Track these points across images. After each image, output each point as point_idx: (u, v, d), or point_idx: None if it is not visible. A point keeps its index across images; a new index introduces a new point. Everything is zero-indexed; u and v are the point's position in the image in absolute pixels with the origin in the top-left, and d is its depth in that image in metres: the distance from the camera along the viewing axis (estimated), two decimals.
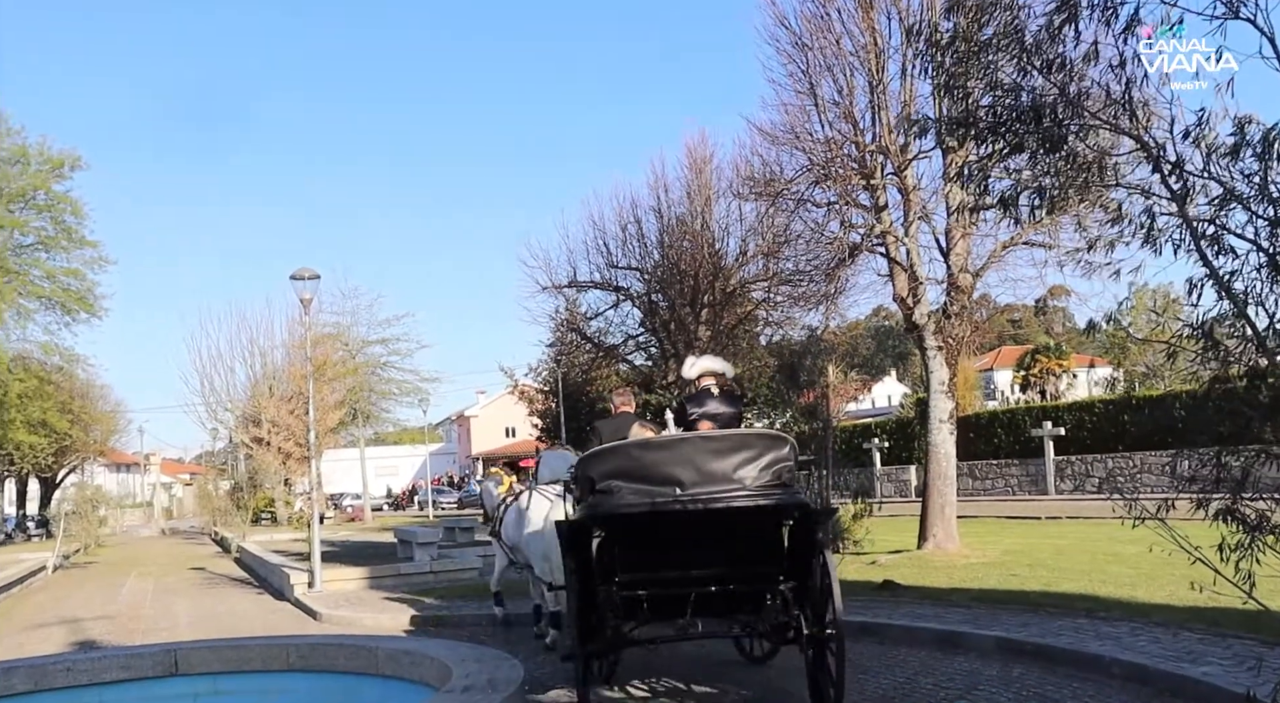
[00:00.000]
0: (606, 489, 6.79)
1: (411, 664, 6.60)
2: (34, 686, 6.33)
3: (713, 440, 6.98)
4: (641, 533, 6.89)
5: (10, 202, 37.00)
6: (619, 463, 6.87)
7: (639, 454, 6.92)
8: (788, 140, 16.17)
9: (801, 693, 7.43)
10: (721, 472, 6.74)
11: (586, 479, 6.98)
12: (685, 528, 6.85)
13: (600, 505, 6.81)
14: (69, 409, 49.46)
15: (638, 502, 6.67)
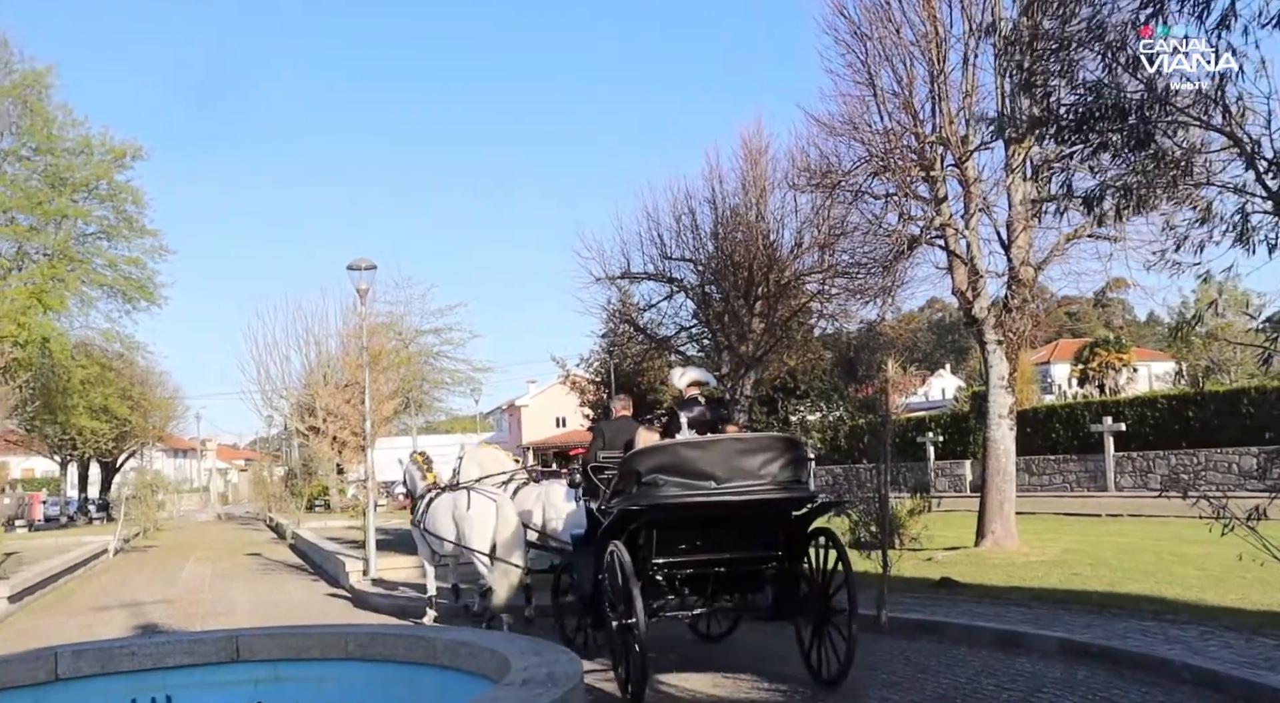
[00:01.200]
0: (651, 482, 7.70)
1: (469, 656, 6.57)
2: (101, 669, 6.41)
3: (742, 442, 8.24)
4: (680, 520, 7.85)
5: (74, 191, 37.71)
6: (664, 459, 7.82)
7: (681, 452, 7.92)
8: (846, 131, 15.98)
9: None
10: (749, 469, 7.83)
11: (633, 473, 7.83)
12: (717, 516, 7.90)
13: (645, 496, 7.70)
14: (129, 395, 50.38)
15: (680, 493, 7.66)
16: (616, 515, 7.97)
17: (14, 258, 36.45)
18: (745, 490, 7.78)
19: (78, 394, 42.34)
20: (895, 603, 10.40)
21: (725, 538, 8.04)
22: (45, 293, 34.87)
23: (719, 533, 8.01)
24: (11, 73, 36.35)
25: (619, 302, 25.54)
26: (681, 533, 7.94)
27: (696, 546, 7.99)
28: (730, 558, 8.08)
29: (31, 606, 16.63)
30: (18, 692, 6.07)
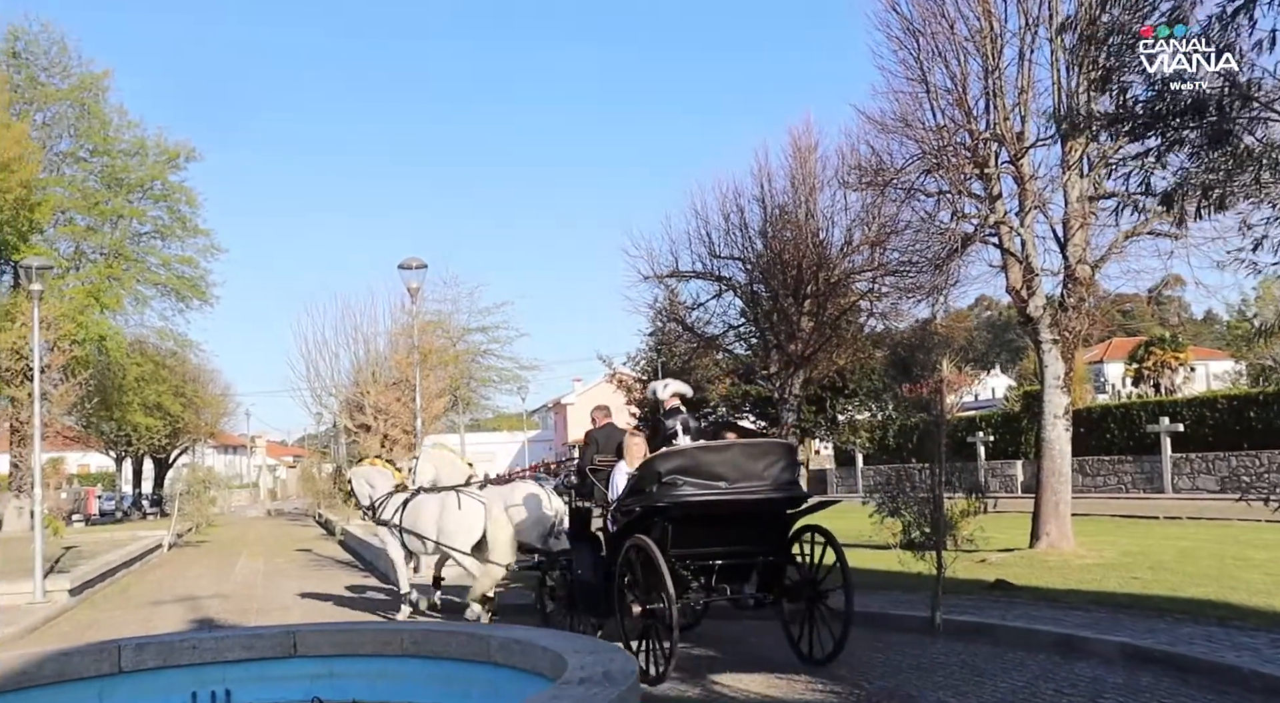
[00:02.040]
0: (671, 482, 8.58)
1: (523, 654, 6.56)
2: (163, 662, 6.50)
3: (750, 447, 9.23)
4: (695, 517, 8.62)
5: (130, 192, 38.37)
6: (682, 462, 8.74)
7: (697, 455, 8.88)
8: (898, 128, 15.81)
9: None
10: (755, 471, 8.82)
11: (654, 473, 8.68)
12: (725, 514, 8.79)
13: (665, 495, 8.55)
14: (182, 393, 51.15)
15: (696, 492, 8.57)
16: (640, 512, 8.76)
17: (72, 258, 37.17)
18: (752, 491, 8.76)
19: (132, 391, 43.07)
20: (949, 605, 10.31)
21: (730, 533, 8.92)
22: (102, 292, 35.52)
23: (725, 529, 8.88)
24: (69, 77, 37.10)
25: (667, 300, 25.51)
26: (694, 528, 8.66)
27: (705, 539, 8.79)
28: (733, 551, 9.01)
29: (92, 598, 16.92)
30: (84, 683, 6.18)
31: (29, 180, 30.43)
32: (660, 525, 8.58)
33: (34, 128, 34.74)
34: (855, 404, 33.91)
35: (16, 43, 36.11)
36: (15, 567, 19.38)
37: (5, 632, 12.84)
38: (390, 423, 29.12)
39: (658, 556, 8.27)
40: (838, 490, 49.14)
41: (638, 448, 9.50)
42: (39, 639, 12.77)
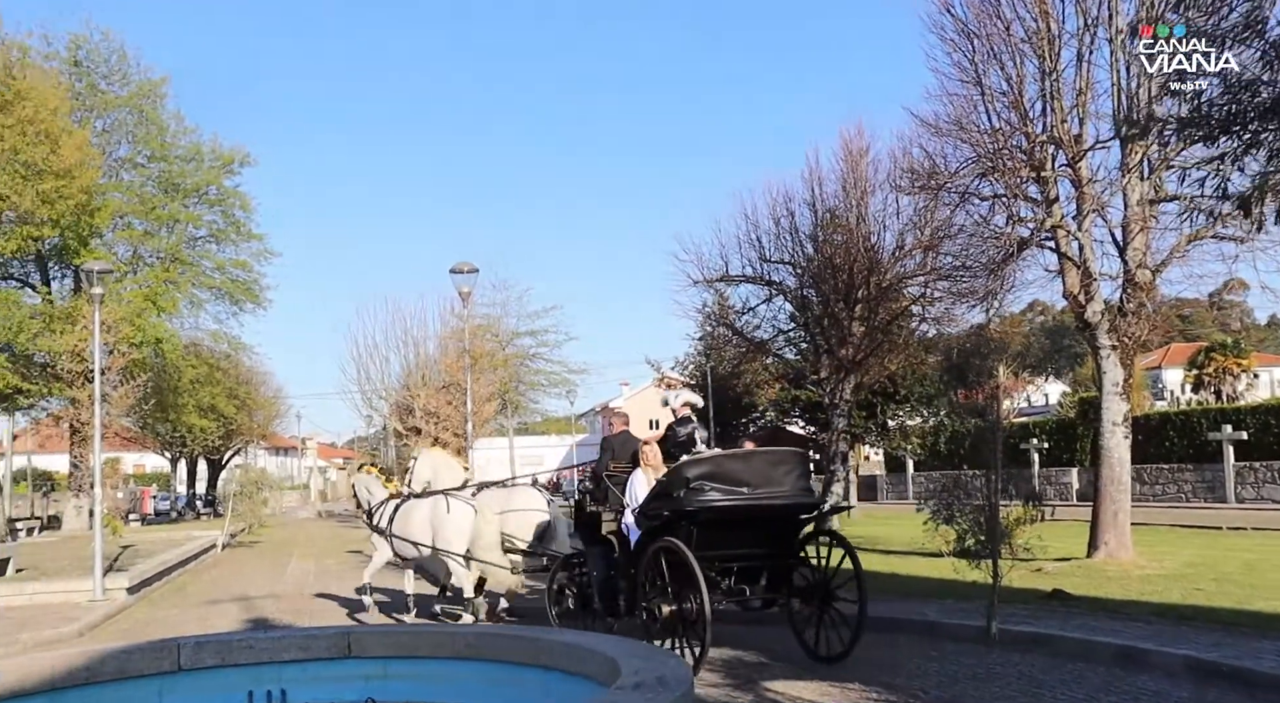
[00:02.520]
0: (699, 488, 9.01)
1: (577, 658, 6.52)
2: (220, 661, 6.55)
3: (770, 455, 9.91)
4: (719, 521, 9.08)
5: (185, 197, 38.90)
6: (709, 468, 9.24)
7: (722, 462, 9.51)
8: (952, 131, 15.62)
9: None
10: (774, 478, 9.35)
11: (683, 479, 9.10)
12: (746, 517, 9.26)
13: (693, 501, 8.98)
14: (235, 395, 51.73)
15: (723, 498, 9.02)
16: (670, 516, 9.14)
17: (130, 262, 37.75)
18: (773, 496, 9.29)
19: (187, 393, 43.66)
20: (1005, 614, 10.17)
21: (750, 536, 9.42)
22: (159, 295, 36.05)
23: (745, 532, 9.37)
24: (129, 83, 37.74)
25: (716, 305, 25.44)
26: (717, 532, 9.12)
27: (727, 542, 9.25)
28: (752, 553, 9.50)
29: (149, 596, 17.18)
30: (145, 680, 6.24)
31: (89, 186, 31.01)
32: (687, 528, 8.99)
33: (94, 134, 35.32)
34: (906, 410, 33.56)
35: (78, 51, 36.78)
36: (75, 565, 19.75)
37: (67, 629, 13.08)
38: (441, 426, 29.29)
39: (690, 557, 8.59)
40: (888, 497, 48.78)
41: (653, 455, 10.07)
42: (99, 636, 13.00)
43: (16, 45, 30.86)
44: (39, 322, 31.08)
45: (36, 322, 31.03)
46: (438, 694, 6.83)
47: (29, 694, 5.79)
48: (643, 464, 10.05)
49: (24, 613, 14.87)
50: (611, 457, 10.92)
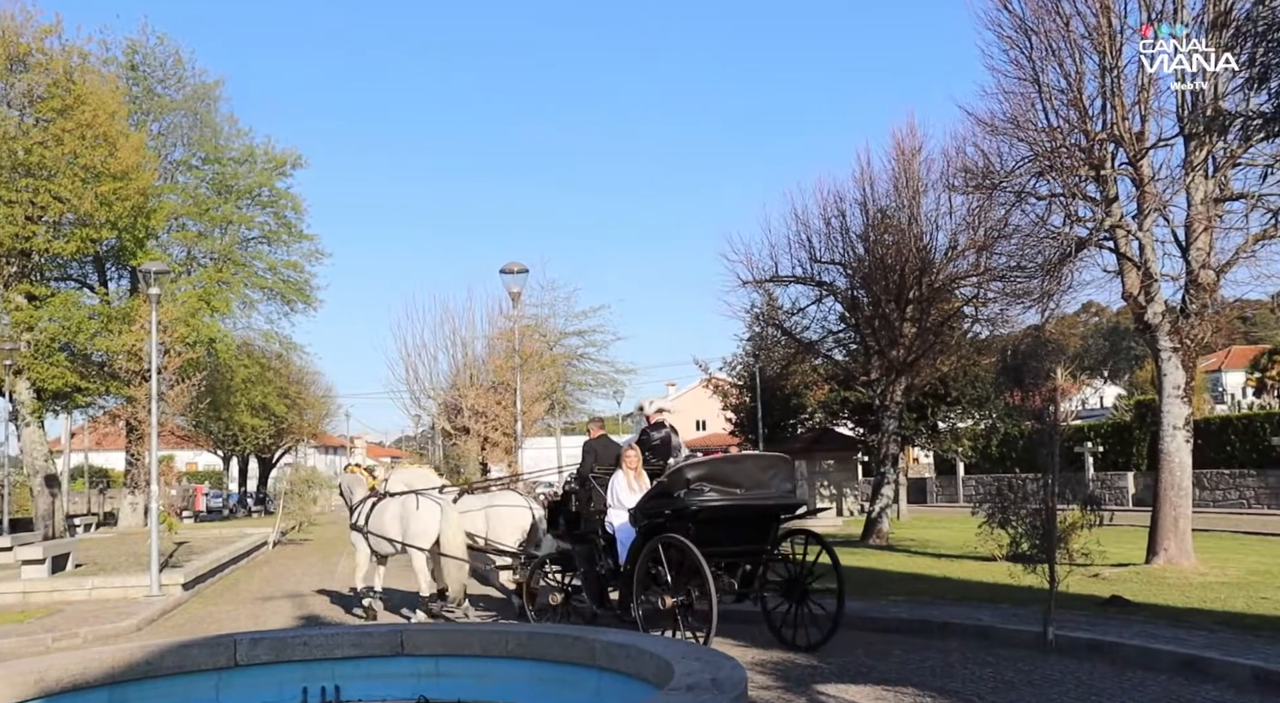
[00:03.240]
0: (698, 489, 9.77)
1: (628, 658, 6.49)
2: (275, 657, 6.60)
3: (761, 459, 10.93)
4: (714, 518, 9.81)
5: (239, 198, 39.40)
6: (707, 471, 10.03)
7: (719, 466, 10.29)
8: (1008, 130, 15.39)
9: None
10: (763, 481, 10.22)
11: (683, 481, 9.85)
12: (737, 516, 10.04)
13: (693, 500, 9.71)
14: (286, 394, 52.32)
15: (719, 498, 9.79)
16: (671, 514, 9.83)
17: (184, 262, 38.29)
18: (763, 497, 10.17)
19: (240, 392, 44.17)
20: (1062, 620, 10.00)
21: (739, 533, 10.15)
22: (212, 296, 36.50)
23: (735, 529, 10.10)
24: (184, 87, 38.32)
25: (765, 305, 25.27)
26: (711, 528, 9.80)
27: (719, 538, 9.89)
28: (739, 549, 10.24)
29: (203, 593, 17.40)
30: (202, 675, 6.30)
31: (146, 188, 31.49)
32: (686, 525, 9.72)
33: (150, 137, 35.91)
34: (958, 412, 33.14)
35: (135, 56, 37.39)
36: (131, 561, 20.06)
37: (125, 623, 13.27)
38: (490, 425, 29.37)
39: (696, 551, 9.34)
40: (938, 500, 48.29)
41: (634, 458, 10.86)
42: (156, 631, 13.17)
43: (76, 50, 31.44)
44: (97, 322, 31.61)
45: (95, 322, 31.56)
46: (488, 693, 6.82)
47: (90, 688, 5.87)
48: (624, 467, 10.77)
49: (84, 608, 15.13)
50: (595, 459, 11.54)
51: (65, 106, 28.57)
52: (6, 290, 29.56)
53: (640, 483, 10.71)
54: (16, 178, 27.99)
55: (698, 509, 9.69)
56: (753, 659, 9.43)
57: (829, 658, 9.75)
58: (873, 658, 9.68)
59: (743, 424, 40.23)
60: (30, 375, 29.74)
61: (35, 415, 31.25)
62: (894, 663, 9.39)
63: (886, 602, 12.99)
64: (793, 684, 8.56)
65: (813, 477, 35.38)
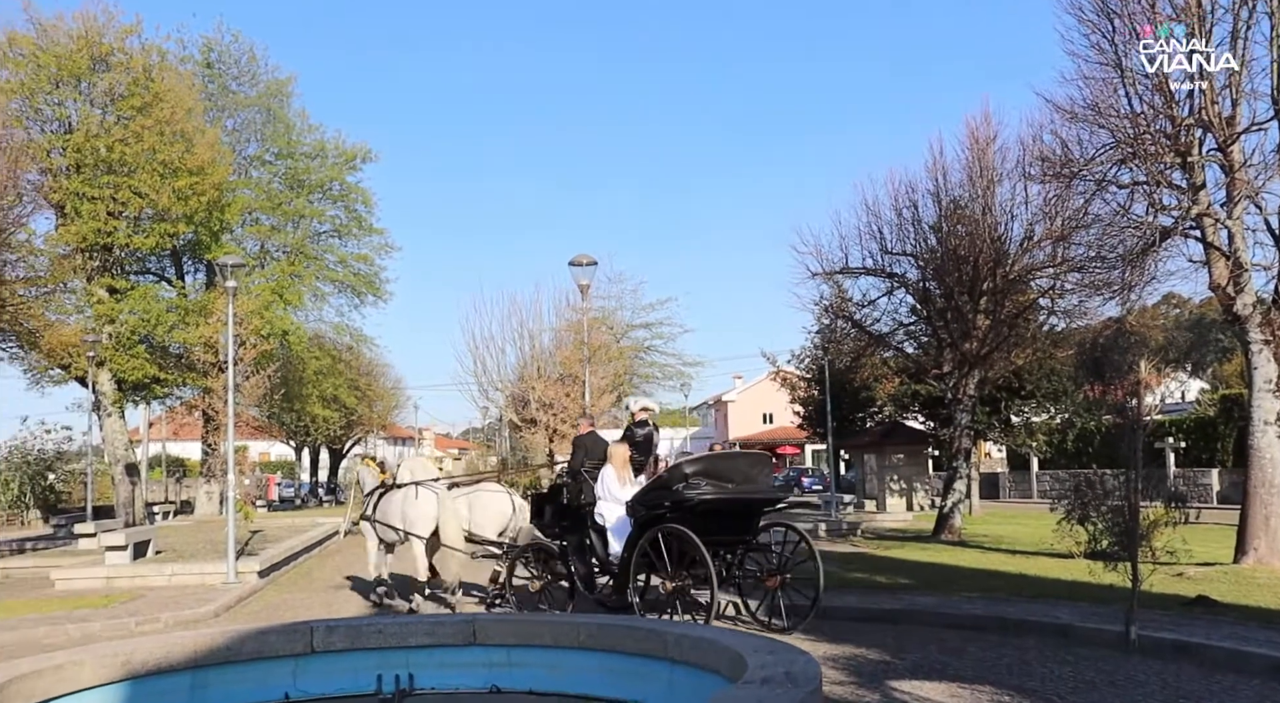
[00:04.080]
0: (695, 483, 10.51)
1: (701, 651, 6.41)
2: (350, 644, 6.64)
3: (751, 457, 11.96)
4: (709, 510, 10.55)
5: (310, 193, 40.02)
6: (703, 467, 10.85)
7: (714, 462, 11.42)
8: (1088, 116, 14.97)
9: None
10: (751, 476, 11.06)
11: (681, 475, 10.64)
12: (731, 509, 10.84)
13: (690, 494, 10.44)
14: (356, 386, 53.06)
15: (714, 492, 10.55)
16: (670, 505, 10.56)
17: (258, 256, 38.99)
18: (752, 491, 10.98)
19: (311, 384, 44.91)
20: (1145, 620, 9.73)
21: (728, 523, 10.89)
22: (285, 289, 37.13)
23: (725, 519, 10.83)
24: (258, 84, 39.02)
25: (835, 297, 25.00)
26: (704, 519, 10.47)
27: (710, 528, 10.48)
28: (727, 538, 10.98)
29: (278, 580, 17.67)
30: (280, 661, 6.37)
31: (221, 183, 32.14)
32: (685, 516, 10.47)
33: (225, 133, 36.59)
34: (1032, 406, 32.49)
35: (210, 53, 38.21)
36: (208, 548, 20.49)
37: (203, 609, 13.54)
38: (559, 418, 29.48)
39: (697, 540, 10.07)
40: (1011, 495, 47.53)
41: (621, 453, 11.59)
42: (233, 617, 13.42)
43: (155, 49, 32.16)
44: (174, 315, 32.34)
45: (172, 315, 32.29)
46: (560, 684, 6.80)
47: (174, 671, 5.96)
48: (611, 462, 11.52)
49: (164, 593, 15.47)
50: (585, 454, 12.18)
51: (145, 104, 29.25)
52: (89, 284, 30.33)
53: (628, 477, 11.49)
54: (99, 175, 28.71)
55: (696, 502, 10.41)
56: (824, 654, 9.30)
57: (901, 654, 9.62)
58: (946, 655, 9.53)
59: (811, 418, 39.92)
60: (111, 367, 30.51)
61: (116, 406, 32.05)
62: (969, 660, 9.24)
63: (960, 598, 12.78)
64: (865, 680, 8.44)
65: (882, 471, 34.97)
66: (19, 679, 5.21)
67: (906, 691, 8.06)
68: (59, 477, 47.97)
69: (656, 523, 10.60)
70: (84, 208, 28.37)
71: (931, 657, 9.46)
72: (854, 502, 34.94)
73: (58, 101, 29.58)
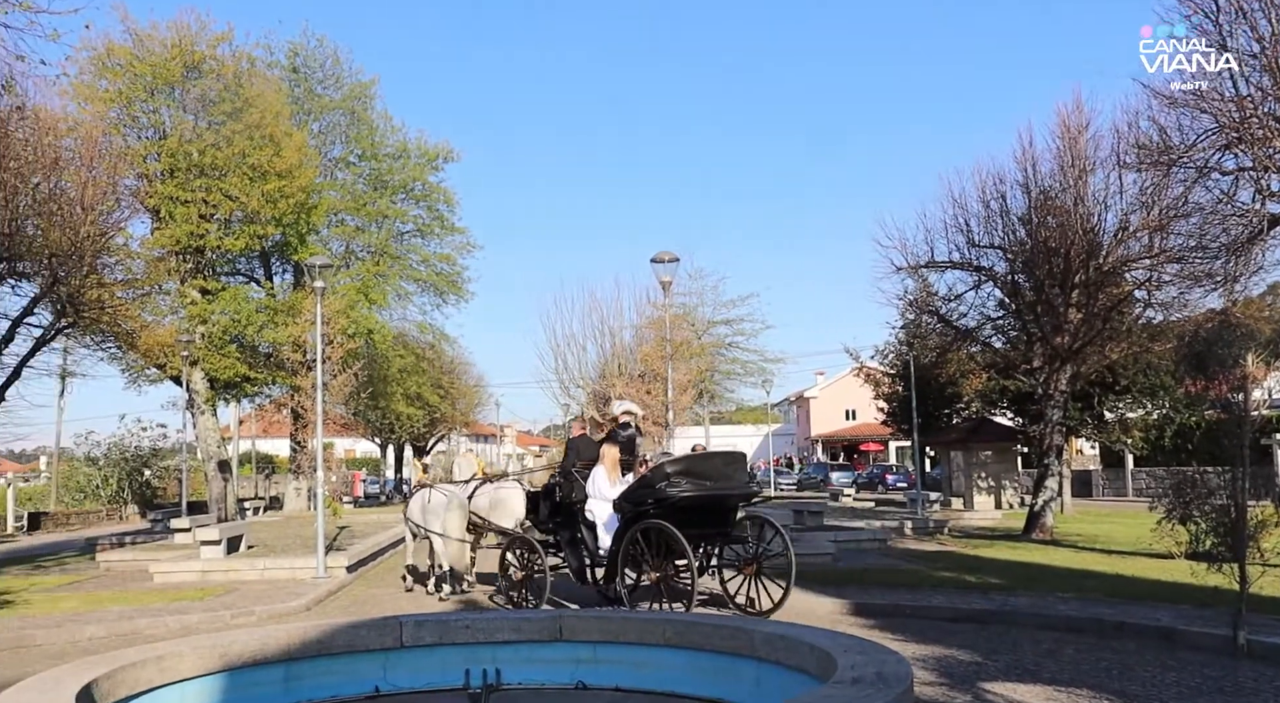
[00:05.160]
0: (676, 482, 11.37)
1: (788, 650, 6.33)
2: (439, 639, 6.72)
3: (727, 456, 12.79)
4: (689, 506, 11.42)
5: (393, 193, 40.50)
6: (683, 466, 11.80)
7: (693, 462, 12.26)
8: (1189, 101, 14.41)
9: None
10: (727, 474, 12.01)
11: (664, 473, 11.47)
12: (710, 505, 11.78)
13: (671, 492, 11.30)
14: (439, 384, 53.58)
15: (695, 489, 11.44)
16: (653, 502, 11.40)
17: (343, 256, 39.62)
18: (728, 488, 11.90)
19: (395, 382, 45.47)
20: (1255, 625, 9.36)
21: (706, 517, 11.80)
22: (370, 288, 37.68)
23: (704, 514, 11.74)
24: (342, 87, 39.63)
25: (920, 292, 24.55)
26: (684, 514, 11.32)
27: (691, 522, 11.37)
28: (706, 531, 11.91)
29: (365, 575, 17.94)
30: (370, 655, 6.45)
31: (308, 185, 32.71)
32: (667, 511, 11.31)
33: (311, 136, 37.17)
34: (1127, 401, 31.52)
35: (296, 58, 38.91)
36: (297, 544, 20.89)
37: (295, 603, 13.79)
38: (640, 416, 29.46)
39: (678, 535, 10.94)
40: (1104, 494, 46.27)
41: (612, 454, 12.40)
42: (324, 611, 13.64)
43: (245, 56, 32.89)
44: (264, 315, 33.02)
45: (261, 315, 32.97)
46: (647, 681, 6.77)
47: (269, 663, 6.06)
48: (602, 463, 12.39)
49: (256, 587, 15.80)
50: (577, 455, 13.17)
51: (235, 109, 29.94)
52: (183, 286, 31.13)
53: (617, 477, 12.32)
54: (191, 178, 29.44)
55: (677, 498, 11.27)
56: (912, 654, 9.14)
57: (993, 655, 9.42)
58: (1041, 657, 9.34)
59: (895, 414, 39.33)
60: (204, 366, 31.28)
61: (209, 404, 32.85)
62: (1065, 663, 9.03)
63: (1053, 598, 12.46)
64: (956, 682, 8.27)
65: (969, 468, 34.30)
66: (124, 669, 5.34)
67: (1000, 693, 7.88)
68: (154, 473, 49.47)
69: (641, 519, 11.50)
70: (177, 211, 29.12)
71: (1025, 659, 9.28)
72: (940, 499, 34.35)
73: (153, 109, 30.37)
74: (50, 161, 19.86)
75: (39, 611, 13.63)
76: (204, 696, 5.76)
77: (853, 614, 12.08)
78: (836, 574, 15.38)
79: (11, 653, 11.05)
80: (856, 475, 55.71)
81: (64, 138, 21.45)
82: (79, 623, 12.32)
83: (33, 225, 19.69)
